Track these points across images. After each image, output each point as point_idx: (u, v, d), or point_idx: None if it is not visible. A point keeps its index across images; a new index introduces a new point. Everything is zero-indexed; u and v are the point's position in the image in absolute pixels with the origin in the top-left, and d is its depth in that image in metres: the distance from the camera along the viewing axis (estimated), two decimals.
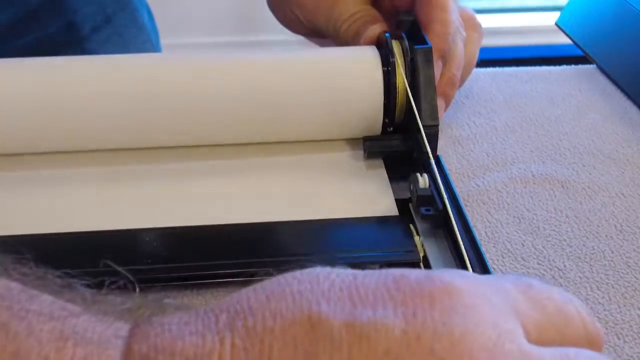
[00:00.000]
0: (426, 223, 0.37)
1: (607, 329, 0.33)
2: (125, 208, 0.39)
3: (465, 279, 0.23)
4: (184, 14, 1.64)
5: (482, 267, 0.33)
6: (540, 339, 0.23)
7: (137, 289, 0.26)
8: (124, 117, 0.40)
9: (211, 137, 0.42)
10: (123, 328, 0.22)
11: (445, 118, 0.49)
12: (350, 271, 0.23)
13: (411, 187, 0.38)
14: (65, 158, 0.42)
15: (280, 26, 0.53)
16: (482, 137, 0.48)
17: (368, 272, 0.23)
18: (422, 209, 0.36)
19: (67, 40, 0.60)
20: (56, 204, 0.39)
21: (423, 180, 0.37)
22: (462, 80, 0.48)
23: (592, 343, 0.24)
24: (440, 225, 0.36)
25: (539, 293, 0.24)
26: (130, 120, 0.40)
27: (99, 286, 0.25)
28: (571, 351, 0.23)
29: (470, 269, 0.32)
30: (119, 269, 0.26)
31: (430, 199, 0.37)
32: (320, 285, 0.23)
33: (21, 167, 0.41)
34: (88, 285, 0.25)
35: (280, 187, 0.41)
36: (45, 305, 0.22)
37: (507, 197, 0.42)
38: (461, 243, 0.33)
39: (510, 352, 0.21)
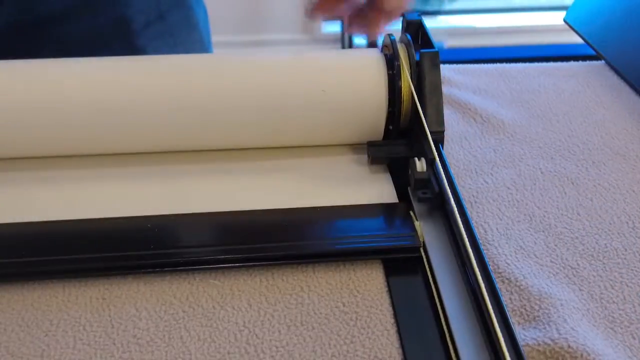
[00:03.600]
0: (423, 205, 0.38)
1: (622, 328, 0.32)
2: (156, 198, 0.39)
3: None
4: None
5: (475, 247, 0.32)
6: None
7: None
8: (139, 122, 0.40)
9: (211, 142, 0.42)
10: None
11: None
12: None
13: (410, 171, 0.39)
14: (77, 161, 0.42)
15: (280, 26, 0.53)
16: (489, 133, 0.47)
17: None
18: (419, 192, 0.37)
19: (117, 33, 0.58)
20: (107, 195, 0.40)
21: (420, 165, 0.38)
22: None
23: None
24: (436, 207, 0.37)
25: None
26: (148, 126, 0.40)
27: None
28: None
29: (468, 246, 0.32)
30: None
31: (427, 182, 0.38)
32: None
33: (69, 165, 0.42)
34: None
35: (284, 185, 0.41)
36: None
37: (516, 194, 0.41)
38: (460, 222, 0.34)
39: None
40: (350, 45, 2.41)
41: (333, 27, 2.57)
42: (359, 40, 2.41)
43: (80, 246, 0.35)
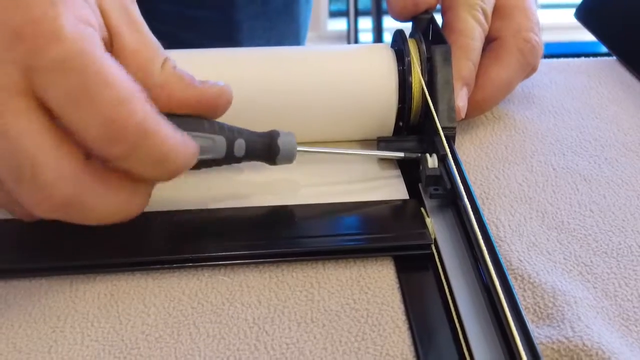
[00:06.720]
0: (434, 202, 0.38)
1: (636, 326, 0.32)
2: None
3: None
4: None
5: (487, 244, 0.32)
6: None
7: None
8: None
9: None
10: None
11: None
12: None
13: (420, 168, 0.39)
14: None
15: None
16: (500, 130, 0.46)
17: None
18: (431, 189, 0.37)
19: (220, 22, 0.58)
20: None
21: (432, 161, 0.38)
22: (486, 104, 0.45)
23: None
24: (448, 204, 0.37)
25: None
26: None
27: None
28: None
29: (481, 242, 0.32)
30: None
31: (438, 179, 0.37)
32: None
33: None
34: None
35: (292, 182, 0.40)
36: None
37: (528, 190, 0.40)
38: (472, 218, 0.33)
39: None
40: (357, 42, 2.40)
41: (339, 25, 2.57)
42: (365, 37, 2.40)
43: (88, 242, 0.35)
